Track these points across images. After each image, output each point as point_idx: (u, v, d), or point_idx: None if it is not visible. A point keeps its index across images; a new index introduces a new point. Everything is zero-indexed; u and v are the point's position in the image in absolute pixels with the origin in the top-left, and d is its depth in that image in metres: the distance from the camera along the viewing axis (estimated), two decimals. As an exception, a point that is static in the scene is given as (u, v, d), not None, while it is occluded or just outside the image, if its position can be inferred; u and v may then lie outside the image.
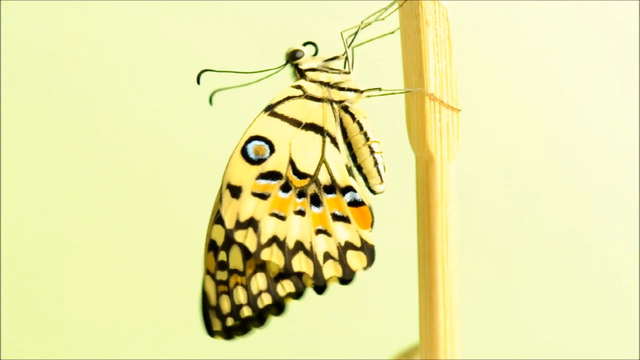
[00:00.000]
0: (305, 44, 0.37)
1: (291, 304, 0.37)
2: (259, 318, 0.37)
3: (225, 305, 0.37)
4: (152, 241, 0.67)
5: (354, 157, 0.35)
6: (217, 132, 0.64)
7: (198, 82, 0.37)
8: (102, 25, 0.65)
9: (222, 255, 0.37)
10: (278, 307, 0.37)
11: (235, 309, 0.37)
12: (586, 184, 0.68)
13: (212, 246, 0.37)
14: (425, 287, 0.35)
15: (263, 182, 0.35)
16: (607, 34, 0.67)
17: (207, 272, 0.37)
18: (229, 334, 0.38)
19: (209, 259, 0.37)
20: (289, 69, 0.37)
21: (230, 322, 0.37)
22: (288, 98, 0.35)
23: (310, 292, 0.37)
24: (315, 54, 0.36)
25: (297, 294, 0.37)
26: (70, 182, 0.67)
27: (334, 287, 0.37)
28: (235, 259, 0.37)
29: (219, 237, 0.37)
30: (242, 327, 0.38)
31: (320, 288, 0.36)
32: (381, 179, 0.35)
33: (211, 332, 0.38)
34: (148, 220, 0.67)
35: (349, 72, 0.36)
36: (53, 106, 0.66)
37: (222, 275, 0.37)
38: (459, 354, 0.36)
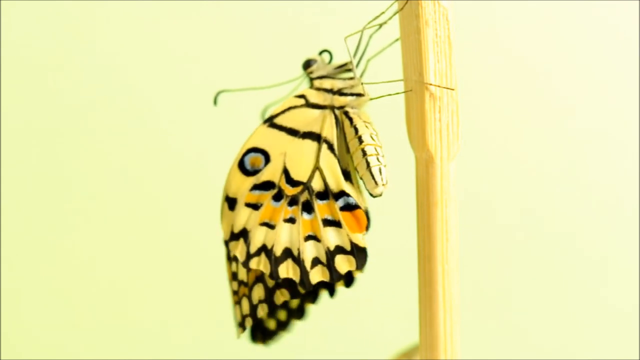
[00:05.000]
0: (320, 53, 0.37)
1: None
2: (284, 324, 0.38)
3: (237, 315, 0.38)
4: (150, 243, 0.67)
5: (352, 159, 0.35)
6: (214, 134, 0.64)
7: (215, 103, 0.38)
8: (102, 27, 0.65)
9: (233, 267, 0.38)
10: (300, 311, 0.38)
11: (242, 319, 0.38)
12: (586, 184, 0.68)
13: (229, 257, 0.38)
14: (425, 287, 0.35)
15: (257, 192, 0.36)
16: (607, 35, 0.67)
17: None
18: (263, 340, 0.39)
19: (227, 270, 0.38)
20: (305, 79, 0.37)
21: (240, 332, 0.38)
22: (289, 108, 0.36)
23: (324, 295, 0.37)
24: (330, 61, 0.37)
25: (313, 299, 0.37)
26: (70, 183, 0.67)
27: (340, 288, 0.37)
28: (243, 271, 0.37)
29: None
30: (272, 333, 0.39)
31: (332, 289, 0.37)
32: (375, 182, 0.35)
33: (253, 339, 0.39)
34: (147, 221, 0.67)
35: (352, 78, 0.36)
36: (52, 107, 0.66)
37: (234, 285, 0.38)
38: (459, 354, 0.36)
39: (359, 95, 0.36)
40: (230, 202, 0.36)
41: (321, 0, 0.65)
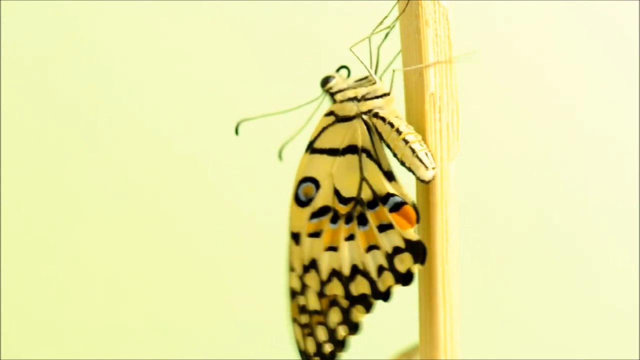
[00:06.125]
0: (338, 70, 0.37)
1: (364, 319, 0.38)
2: (341, 343, 0.38)
3: (310, 347, 0.38)
4: (151, 243, 0.67)
5: (395, 155, 0.35)
6: (215, 135, 0.64)
7: (236, 132, 0.38)
8: (102, 27, 0.65)
9: (301, 300, 0.38)
10: (354, 326, 0.38)
11: (318, 347, 0.38)
12: (586, 184, 0.68)
13: (292, 294, 0.38)
14: (425, 287, 0.35)
15: (315, 220, 0.36)
16: (607, 35, 0.67)
17: (294, 320, 0.38)
18: None
19: (292, 307, 0.38)
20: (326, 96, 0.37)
21: None
22: (324, 129, 0.36)
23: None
24: (349, 76, 0.37)
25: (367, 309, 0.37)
26: (70, 183, 0.67)
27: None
28: (312, 300, 0.37)
29: (296, 284, 0.38)
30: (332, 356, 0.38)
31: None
32: (425, 166, 0.34)
33: None
34: (147, 221, 0.67)
35: (374, 83, 0.36)
36: (52, 107, 0.66)
37: (305, 318, 0.38)
38: (459, 354, 0.36)
39: (384, 95, 0.36)
40: (295, 237, 0.37)
41: (323, 0, 0.65)
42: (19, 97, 0.65)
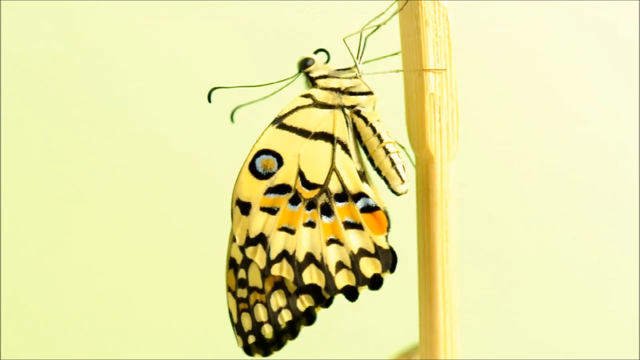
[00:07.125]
0: (316, 52, 0.36)
1: (320, 312, 0.37)
2: (291, 330, 0.37)
3: (246, 323, 0.37)
4: (151, 243, 0.67)
5: (371, 160, 0.35)
6: (216, 136, 0.64)
7: (209, 100, 0.37)
8: (102, 27, 0.65)
9: (241, 273, 0.37)
10: (308, 317, 0.37)
11: (257, 326, 0.37)
12: (586, 184, 0.68)
13: (232, 264, 0.37)
14: (425, 287, 0.35)
15: (272, 196, 0.35)
16: (606, 35, 0.67)
17: (229, 289, 0.37)
18: (265, 350, 0.38)
19: (229, 277, 0.37)
20: (302, 78, 0.36)
21: (251, 339, 0.37)
22: (297, 108, 0.35)
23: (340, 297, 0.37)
24: (327, 60, 0.36)
25: (326, 303, 0.36)
26: (70, 183, 0.67)
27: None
28: (255, 277, 0.36)
29: (238, 254, 0.36)
30: (277, 341, 0.37)
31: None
32: (401, 179, 0.35)
33: (247, 351, 0.38)
34: (147, 222, 0.67)
35: (358, 77, 0.35)
36: (51, 106, 0.66)
37: (242, 292, 0.37)
38: (459, 354, 0.36)
39: (368, 93, 0.35)
40: (243, 206, 0.35)
41: (321, 0, 0.65)
42: (18, 97, 0.65)
